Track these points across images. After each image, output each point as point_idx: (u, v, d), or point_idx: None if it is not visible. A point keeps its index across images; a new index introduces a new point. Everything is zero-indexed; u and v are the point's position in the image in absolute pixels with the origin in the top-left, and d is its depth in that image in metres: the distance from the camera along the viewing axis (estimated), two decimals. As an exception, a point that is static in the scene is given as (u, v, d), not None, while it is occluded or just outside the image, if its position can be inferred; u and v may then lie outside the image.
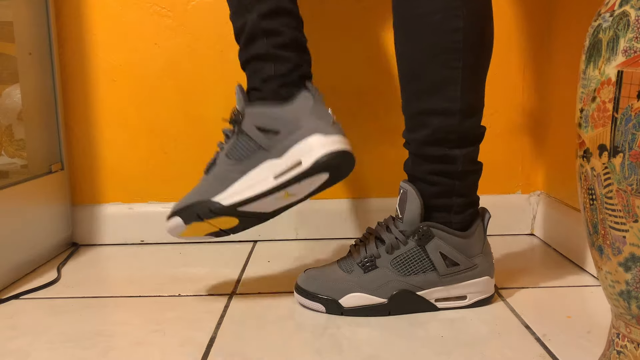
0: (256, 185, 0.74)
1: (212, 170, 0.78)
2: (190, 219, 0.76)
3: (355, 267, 0.77)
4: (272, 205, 0.76)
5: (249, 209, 0.75)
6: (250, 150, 0.76)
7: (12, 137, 1.07)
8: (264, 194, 0.74)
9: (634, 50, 0.48)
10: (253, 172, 0.75)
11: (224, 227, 0.79)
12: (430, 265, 0.76)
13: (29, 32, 1.01)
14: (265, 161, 0.75)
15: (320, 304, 0.77)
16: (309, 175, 0.73)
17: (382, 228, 0.79)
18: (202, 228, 0.78)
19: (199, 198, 0.76)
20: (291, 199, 0.76)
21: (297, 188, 0.74)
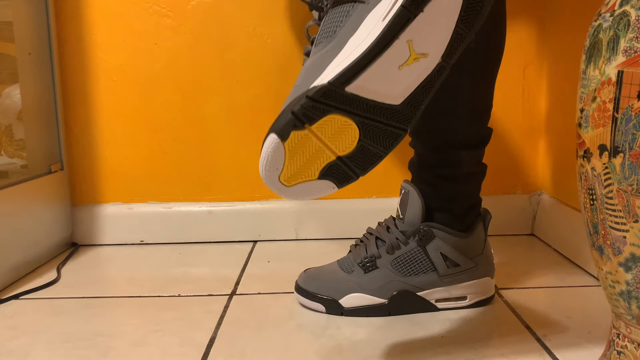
0: (363, 43, 0.51)
1: (304, 65, 0.57)
2: (288, 128, 0.51)
3: (356, 267, 0.77)
4: (398, 81, 0.51)
5: (365, 91, 0.51)
6: (345, 14, 0.54)
7: (11, 137, 1.07)
8: (375, 49, 0.49)
9: (634, 50, 0.47)
10: (355, 35, 0.52)
11: (341, 147, 0.53)
12: (430, 265, 0.76)
13: (28, 32, 1.01)
14: (367, 15, 0.52)
15: (321, 304, 0.77)
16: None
17: (382, 228, 0.79)
18: (308, 150, 0.52)
19: (292, 98, 0.53)
20: (422, 62, 0.51)
21: (420, 26, 0.50)
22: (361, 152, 0.53)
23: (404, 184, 0.78)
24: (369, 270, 0.76)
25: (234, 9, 1.08)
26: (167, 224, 1.12)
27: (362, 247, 0.79)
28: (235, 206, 1.12)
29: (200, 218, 1.11)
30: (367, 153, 0.53)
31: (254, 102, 1.10)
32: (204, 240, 1.12)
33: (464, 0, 0.50)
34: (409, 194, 0.76)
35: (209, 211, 1.12)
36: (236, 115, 1.11)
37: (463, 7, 0.50)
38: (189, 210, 1.12)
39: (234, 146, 1.12)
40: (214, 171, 1.12)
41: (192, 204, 1.12)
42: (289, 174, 0.52)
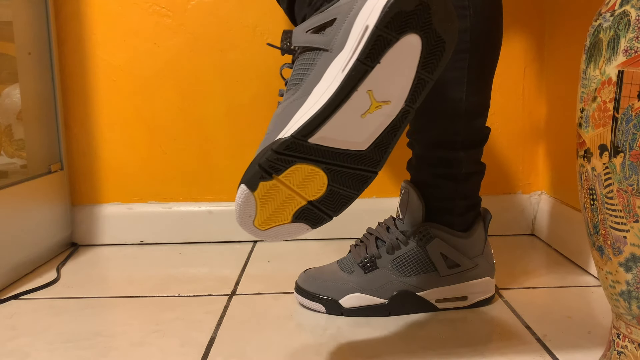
0: (324, 94, 0.52)
1: (273, 116, 0.58)
2: (256, 180, 0.53)
3: (356, 268, 0.77)
4: (361, 130, 0.52)
5: (327, 141, 0.52)
6: (310, 62, 0.55)
7: (11, 137, 1.07)
8: (335, 99, 0.50)
9: (635, 50, 0.47)
10: (318, 86, 0.53)
11: (310, 193, 0.54)
12: (430, 266, 0.76)
13: (28, 32, 1.01)
14: (330, 64, 0.53)
15: (320, 304, 0.77)
16: (383, 37, 0.49)
17: (382, 228, 0.79)
18: (278, 200, 0.54)
19: (259, 150, 0.54)
20: (384, 111, 0.52)
21: (380, 77, 0.50)
22: (332, 196, 0.54)
23: (404, 184, 0.78)
24: (369, 271, 0.76)
25: (234, 9, 1.08)
26: (167, 224, 1.12)
27: (362, 247, 0.79)
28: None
29: (200, 218, 1.11)
30: (337, 196, 0.55)
31: (253, 102, 1.10)
32: (204, 240, 1.12)
33: (423, 48, 0.50)
34: (409, 194, 0.76)
35: (209, 211, 1.11)
36: (236, 115, 1.11)
37: (423, 54, 0.51)
38: (189, 210, 1.12)
39: (234, 146, 1.12)
40: (214, 171, 1.12)
41: (192, 204, 1.12)
42: (262, 219, 0.54)
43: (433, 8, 0.49)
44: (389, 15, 0.48)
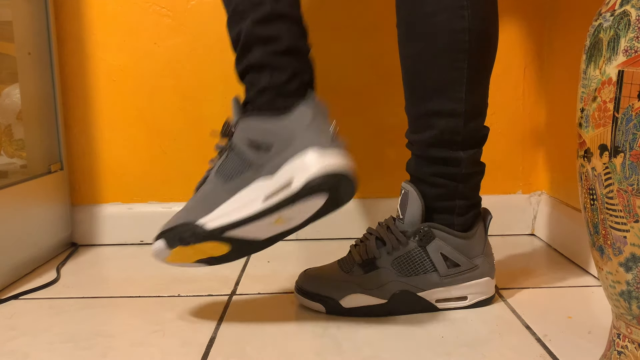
0: (244, 207, 0.66)
1: (201, 189, 0.72)
2: (174, 243, 0.68)
3: (356, 268, 0.77)
4: (265, 232, 0.69)
5: (238, 235, 0.67)
6: (241, 168, 0.68)
7: (11, 137, 1.07)
8: (252, 218, 0.65)
9: (635, 50, 0.47)
10: (242, 192, 0.67)
11: (214, 254, 0.71)
12: (431, 266, 0.76)
13: (28, 32, 1.01)
14: (255, 180, 0.67)
15: (321, 304, 0.77)
16: (301, 197, 0.64)
17: (382, 228, 0.79)
18: (188, 254, 0.70)
19: (184, 220, 0.68)
20: (285, 226, 0.68)
21: (290, 212, 0.66)
22: (228, 256, 0.72)
23: (404, 184, 0.78)
24: (369, 271, 0.76)
25: (234, 9, 1.08)
26: (167, 224, 1.11)
27: (362, 247, 0.79)
28: (235, 206, 1.12)
29: (200, 218, 1.11)
30: (236, 256, 0.72)
31: (253, 102, 1.10)
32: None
33: (326, 202, 0.66)
34: (409, 194, 0.76)
35: (209, 211, 1.11)
36: (236, 115, 1.11)
37: (325, 204, 0.67)
38: (188, 210, 1.12)
39: (234, 146, 1.12)
40: (213, 171, 1.12)
41: (192, 204, 1.12)
42: (171, 260, 0.71)
43: (344, 181, 0.65)
44: (312, 183, 0.63)
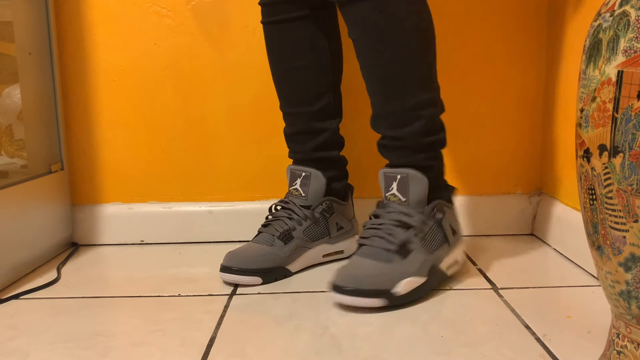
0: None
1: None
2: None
3: (392, 256, 0.79)
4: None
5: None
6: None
7: (12, 137, 1.07)
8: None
9: (634, 50, 0.48)
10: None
11: None
12: (444, 238, 0.85)
13: (29, 32, 1.01)
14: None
15: (377, 298, 0.77)
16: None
17: (397, 213, 0.83)
18: None
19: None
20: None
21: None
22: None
23: (397, 170, 0.84)
24: (407, 255, 0.81)
25: (234, 9, 1.08)
26: (167, 224, 1.12)
27: (382, 237, 0.81)
28: (235, 206, 1.12)
29: (200, 218, 1.11)
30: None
31: (253, 102, 1.10)
32: (204, 240, 1.12)
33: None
34: (410, 177, 0.82)
35: (209, 211, 1.12)
36: (236, 115, 1.11)
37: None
38: (189, 210, 1.12)
39: (234, 146, 1.12)
40: (214, 171, 1.12)
41: (192, 204, 1.12)
42: None
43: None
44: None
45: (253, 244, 0.91)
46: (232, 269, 0.87)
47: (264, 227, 0.93)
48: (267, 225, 0.93)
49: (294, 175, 0.95)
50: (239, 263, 0.87)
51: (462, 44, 1.10)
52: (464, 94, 1.11)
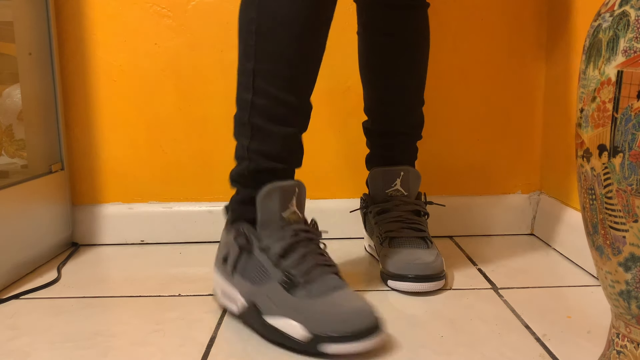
0: None
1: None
2: None
3: (428, 242, 0.88)
4: None
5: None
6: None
7: (12, 137, 1.07)
8: None
9: (634, 50, 0.48)
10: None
11: None
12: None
13: (29, 32, 1.01)
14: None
15: (442, 280, 0.84)
16: None
17: (410, 204, 0.91)
18: None
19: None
20: None
21: None
22: None
23: (395, 168, 0.90)
24: (432, 242, 0.90)
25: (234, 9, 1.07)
26: (167, 224, 1.12)
27: (422, 225, 0.90)
28: (235, 206, 1.12)
29: (200, 218, 1.12)
30: None
31: (254, 102, 1.10)
32: (204, 240, 1.12)
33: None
34: (411, 172, 0.90)
35: (209, 211, 1.12)
36: (236, 115, 1.11)
37: None
38: (189, 210, 1.12)
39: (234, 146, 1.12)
40: (214, 171, 1.12)
41: (192, 204, 1.12)
42: None
43: None
44: None
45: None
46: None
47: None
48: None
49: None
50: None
51: (462, 44, 1.10)
52: (464, 94, 1.11)
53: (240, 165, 0.75)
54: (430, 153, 1.11)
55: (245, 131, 0.73)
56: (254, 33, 0.70)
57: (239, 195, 0.76)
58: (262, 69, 0.70)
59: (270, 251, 0.70)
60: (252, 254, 0.71)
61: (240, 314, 0.73)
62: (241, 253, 0.72)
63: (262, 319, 0.68)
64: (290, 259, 0.69)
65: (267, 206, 0.70)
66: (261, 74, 0.70)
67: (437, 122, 1.11)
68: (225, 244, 0.76)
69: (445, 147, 1.12)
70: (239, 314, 0.73)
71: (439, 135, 1.11)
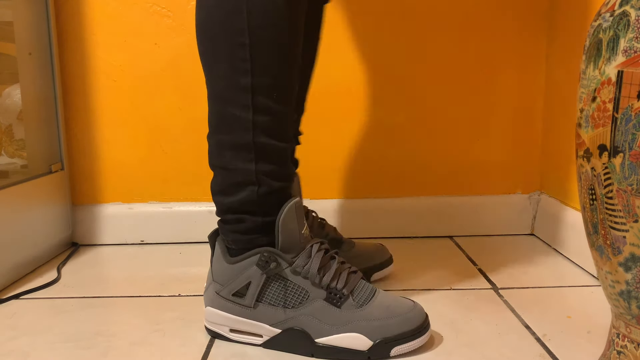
0: None
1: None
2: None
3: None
4: None
5: None
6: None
7: (12, 137, 1.07)
8: None
9: (634, 50, 0.48)
10: None
11: None
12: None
13: (29, 32, 1.01)
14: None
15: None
16: None
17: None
18: None
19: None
20: None
21: None
22: None
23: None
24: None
25: (234, 9, 1.08)
26: (167, 224, 1.12)
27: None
28: (235, 206, 1.12)
29: (201, 218, 1.11)
30: None
31: (254, 102, 1.10)
32: (204, 240, 1.12)
33: None
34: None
35: (209, 211, 1.12)
36: (236, 115, 1.11)
37: None
38: (189, 210, 1.12)
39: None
40: (214, 171, 1.12)
41: (192, 204, 1.12)
42: None
43: None
44: None
45: None
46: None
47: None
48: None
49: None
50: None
51: (463, 45, 1.10)
52: (465, 94, 1.11)
53: (242, 192, 0.67)
54: (430, 153, 1.12)
55: (247, 154, 0.65)
56: (247, 46, 0.62)
57: (243, 225, 0.67)
58: (262, 84, 0.63)
59: (308, 272, 0.66)
60: (284, 279, 0.66)
61: (268, 343, 0.68)
62: (268, 281, 0.67)
63: (314, 342, 0.66)
64: (328, 275, 0.66)
65: (289, 228, 0.65)
66: (261, 89, 0.63)
67: (437, 122, 1.11)
68: (234, 277, 0.68)
69: (445, 147, 1.12)
70: (266, 343, 0.68)
71: (439, 135, 1.11)
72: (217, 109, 0.66)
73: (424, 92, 1.10)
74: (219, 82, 0.65)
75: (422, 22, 1.09)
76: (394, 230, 1.12)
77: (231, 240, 0.69)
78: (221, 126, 0.66)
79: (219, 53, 0.64)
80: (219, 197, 0.69)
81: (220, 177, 0.68)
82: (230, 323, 0.69)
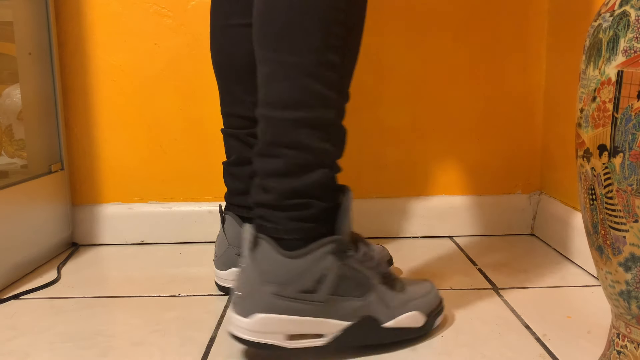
0: None
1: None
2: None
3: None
4: None
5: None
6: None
7: (12, 137, 1.07)
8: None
9: (634, 50, 0.48)
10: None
11: None
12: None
13: (29, 32, 1.01)
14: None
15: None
16: None
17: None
18: None
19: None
20: None
21: None
22: None
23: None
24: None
25: (234, 9, 1.08)
26: (167, 224, 1.12)
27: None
28: (235, 206, 1.12)
29: (200, 218, 1.11)
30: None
31: (254, 102, 1.10)
32: (204, 240, 1.12)
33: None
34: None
35: (209, 211, 1.12)
36: (236, 115, 1.11)
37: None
38: (189, 210, 1.12)
39: (234, 146, 1.12)
40: (214, 171, 1.12)
41: (192, 204, 1.12)
42: None
43: None
44: None
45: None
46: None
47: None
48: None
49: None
50: None
51: (463, 44, 1.10)
52: (465, 94, 1.11)
53: (313, 174, 0.61)
54: (430, 153, 1.12)
55: (323, 134, 0.61)
56: (343, 24, 0.60)
57: (308, 211, 0.61)
58: (348, 66, 0.62)
59: (370, 259, 0.65)
60: (352, 268, 0.63)
61: (336, 340, 0.64)
62: (342, 273, 0.63)
63: (381, 328, 0.66)
64: (373, 260, 0.67)
65: (349, 214, 0.62)
66: (344, 69, 0.62)
67: (437, 122, 1.11)
68: (302, 272, 0.61)
69: (445, 147, 1.12)
70: (332, 341, 0.64)
71: (439, 135, 1.11)
72: (301, 84, 0.60)
73: (424, 91, 1.10)
74: (308, 56, 0.60)
75: (422, 22, 1.09)
76: (394, 230, 1.12)
77: (291, 230, 0.61)
78: (302, 101, 0.60)
79: (314, 26, 0.59)
80: (280, 180, 0.61)
81: (285, 158, 0.61)
82: (293, 327, 0.62)
